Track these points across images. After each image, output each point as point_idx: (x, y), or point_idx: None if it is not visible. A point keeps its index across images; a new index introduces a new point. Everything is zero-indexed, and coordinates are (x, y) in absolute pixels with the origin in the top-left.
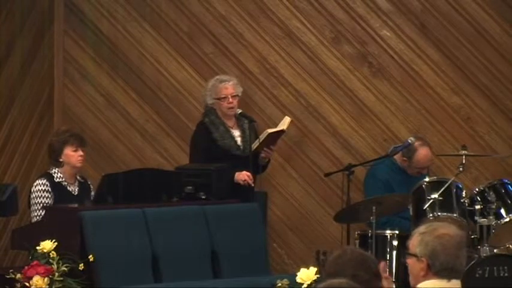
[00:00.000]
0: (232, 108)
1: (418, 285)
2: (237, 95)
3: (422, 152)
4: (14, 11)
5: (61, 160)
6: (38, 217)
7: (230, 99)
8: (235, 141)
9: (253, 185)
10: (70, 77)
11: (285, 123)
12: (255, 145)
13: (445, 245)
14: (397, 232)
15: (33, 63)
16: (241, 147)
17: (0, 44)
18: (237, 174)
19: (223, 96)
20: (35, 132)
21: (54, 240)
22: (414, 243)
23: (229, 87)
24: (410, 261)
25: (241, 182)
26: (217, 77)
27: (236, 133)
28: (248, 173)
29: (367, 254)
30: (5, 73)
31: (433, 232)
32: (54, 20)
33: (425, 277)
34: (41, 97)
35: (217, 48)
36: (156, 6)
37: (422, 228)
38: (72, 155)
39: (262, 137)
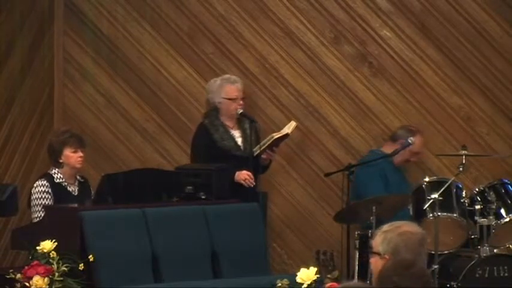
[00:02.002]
0: (239, 109)
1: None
2: (244, 97)
3: (419, 138)
4: (14, 11)
5: (61, 161)
6: (38, 218)
7: (240, 101)
8: (236, 142)
9: (254, 183)
10: (70, 77)
11: (290, 127)
12: (257, 150)
13: (407, 242)
14: None
15: (33, 63)
16: (242, 147)
17: (0, 44)
18: (237, 173)
19: (234, 97)
20: (35, 132)
21: (54, 240)
22: (377, 241)
23: (240, 88)
24: (373, 260)
25: (243, 182)
26: (226, 76)
27: (236, 134)
28: (248, 172)
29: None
30: (5, 73)
31: (396, 230)
32: (54, 20)
33: None
34: (41, 97)
35: (217, 48)
36: (156, 6)
37: (385, 227)
38: (72, 156)
39: (266, 141)
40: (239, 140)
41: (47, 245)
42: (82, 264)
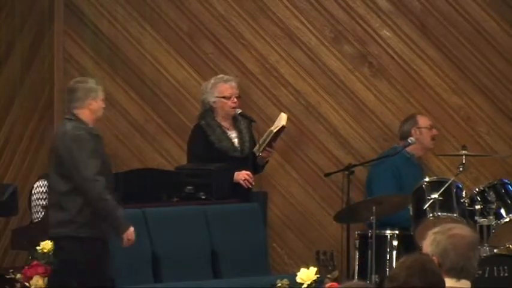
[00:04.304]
0: (235, 107)
1: None
2: (239, 96)
3: (422, 117)
4: (14, 11)
5: None
6: (39, 218)
7: (235, 99)
8: (233, 143)
9: (253, 183)
10: (70, 77)
11: (282, 119)
12: (259, 148)
13: (456, 244)
14: (397, 232)
15: (33, 63)
16: (239, 148)
17: (0, 44)
18: (236, 174)
19: (228, 95)
20: (35, 132)
21: None
22: (427, 242)
23: (234, 86)
24: None
25: (242, 182)
26: (219, 75)
27: (233, 134)
28: (248, 172)
29: (429, 264)
30: (5, 73)
31: (446, 232)
32: (54, 20)
33: None
34: (41, 97)
35: (217, 48)
36: (156, 6)
37: (436, 229)
38: None
39: (266, 138)
40: (235, 141)
41: (47, 245)
42: None
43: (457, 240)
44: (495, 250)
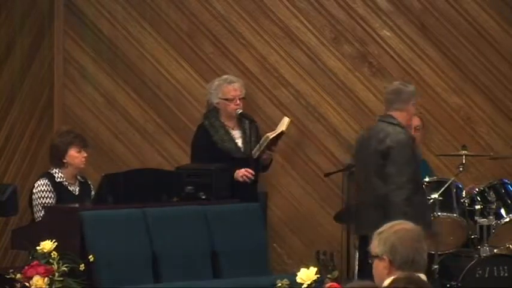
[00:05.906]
0: (238, 110)
1: (384, 284)
2: (243, 97)
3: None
4: (14, 11)
5: (65, 161)
6: (41, 217)
7: (238, 101)
8: (236, 143)
9: (252, 179)
10: (70, 77)
11: (284, 124)
12: (256, 152)
13: (402, 238)
14: None
15: (33, 63)
16: (242, 148)
17: (0, 44)
18: (236, 172)
19: (231, 97)
20: (35, 132)
21: (54, 240)
22: (374, 244)
23: (238, 89)
24: (374, 264)
25: (240, 179)
26: (225, 76)
27: (237, 134)
28: (247, 169)
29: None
30: (5, 73)
31: (390, 229)
32: (54, 20)
33: (389, 274)
34: (41, 97)
35: (217, 48)
36: (156, 6)
37: (379, 229)
38: (77, 156)
39: (263, 142)
40: (239, 141)
41: (47, 245)
42: (82, 264)
43: (402, 234)
44: (495, 250)
